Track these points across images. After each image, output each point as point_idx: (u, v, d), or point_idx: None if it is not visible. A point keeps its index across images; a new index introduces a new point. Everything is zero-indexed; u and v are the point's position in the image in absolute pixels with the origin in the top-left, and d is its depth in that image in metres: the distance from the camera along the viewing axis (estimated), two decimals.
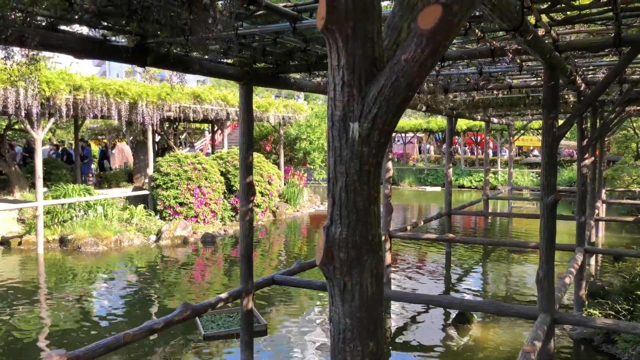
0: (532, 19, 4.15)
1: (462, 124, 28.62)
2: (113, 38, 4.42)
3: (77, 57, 4.17)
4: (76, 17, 3.76)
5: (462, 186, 28.92)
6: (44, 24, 3.84)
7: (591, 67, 6.88)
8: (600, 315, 7.17)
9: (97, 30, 4.20)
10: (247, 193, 6.02)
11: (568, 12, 4.50)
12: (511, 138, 20.47)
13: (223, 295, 5.80)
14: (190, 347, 7.20)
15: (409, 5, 1.72)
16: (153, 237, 14.27)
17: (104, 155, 24.20)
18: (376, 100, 1.43)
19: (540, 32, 4.56)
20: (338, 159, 1.50)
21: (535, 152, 34.50)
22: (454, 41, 5.26)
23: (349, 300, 1.51)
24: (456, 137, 31.71)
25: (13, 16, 3.36)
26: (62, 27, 3.99)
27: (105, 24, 4.09)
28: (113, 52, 4.25)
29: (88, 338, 7.48)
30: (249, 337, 6.07)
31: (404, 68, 1.38)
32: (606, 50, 5.25)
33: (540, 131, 29.81)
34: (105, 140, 28.64)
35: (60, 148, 22.26)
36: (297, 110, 21.33)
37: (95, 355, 4.31)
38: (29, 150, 19.77)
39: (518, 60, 6.10)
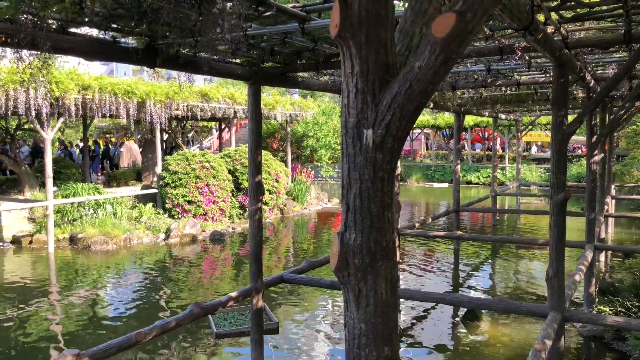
0: (541, 17, 4.14)
1: (469, 120, 28.53)
2: (122, 40, 4.45)
3: (87, 59, 4.20)
4: (86, 19, 3.79)
5: (469, 182, 28.84)
6: (54, 27, 3.87)
7: (600, 64, 6.84)
8: (610, 312, 7.14)
9: (106, 32, 4.24)
10: (256, 192, 6.04)
11: (577, 10, 4.48)
12: (519, 134, 20.37)
13: (233, 294, 5.83)
14: (202, 345, 7.25)
15: (420, 9, 1.73)
16: (162, 235, 14.35)
17: (105, 155, 23.64)
18: (390, 107, 1.43)
19: (550, 29, 4.54)
20: (352, 165, 1.51)
21: (534, 148, 34.30)
22: None
23: (363, 306, 1.52)
24: (463, 133, 31.62)
25: (24, 20, 3.39)
26: (71, 30, 4.02)
27: (115, 26, 4.12)
28: (123, 54, 4.28)
29: (98, 337, 7.55)
30: (259, 335, 6.11)
31: (417, 75, 1.38)
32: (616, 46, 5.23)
33: (548, 126, 29.68)
34: (104, 140, 28.60)
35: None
36: (304, 108, 21.33)
37: (107, 355, 4.35)
38: (36, 150, 19.85)
39: (527, 58, 6.08)
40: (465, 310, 8.13)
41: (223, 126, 23.31)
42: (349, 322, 1.57)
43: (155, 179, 16.91)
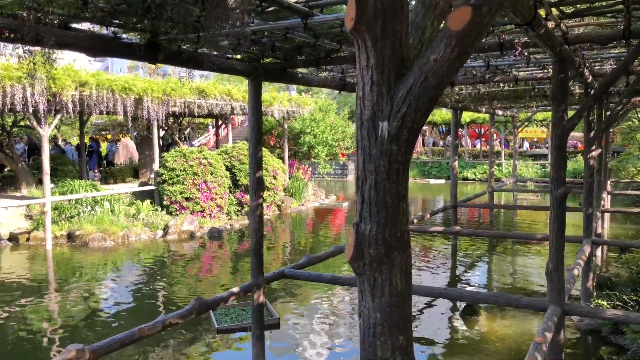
0: (541, 12, 4.16)
1: (465, 116, 28.60)
2: (124, 35, 4.45)
3: (90, 55, 4.20)
4: (89, 15, 3.79)
5: (466, 178, 28.92)
6: (55, 22, 3.87)
7: (599, 59, 6.88)
8: (608, 306, 7.21)
9: (108, 28, 4.23)
10: (257, 188, 6.05)
11: (578, 5, 4.50)
12: (515, 130, 20.45)
13: (235, 289, 5.85)
14: (204, 340, 7.28)
15: (431, 3, 1.75)
16: (160, 232, 14.34)
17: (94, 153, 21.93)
18: (405, 99, 1.46)
19: (550, 25, 4.57)
20: (367, 157, 1.53)
21: (526, 144, 34.41)
22: None
23: (378, 296, 1.55)
24: (460, 129, 31.68)
25: (28, 15, 3.39)
26: (73, 25, 4.01)
27: (117, 21, 4.12)
28: (126, 50, 4.28)
29: (98, 333, 7.56)
30: (260, 331, 6.12)
31: (433, 68, 1.40)
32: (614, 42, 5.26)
33: (544, 122, 29.81)
34: (97, 137, 28.38)
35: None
36: (301, 104, 21.32)
37: (111, 350, 4.37)
38: (31, 147, 19.72)
39: (526, 54, 6.10)
40: (464, 305, 8.18)
41: (220, 122, 23.29)
42: (363, 311, 1.59)
43: (152, 175, 16.89)
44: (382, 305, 1.54)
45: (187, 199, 15.39)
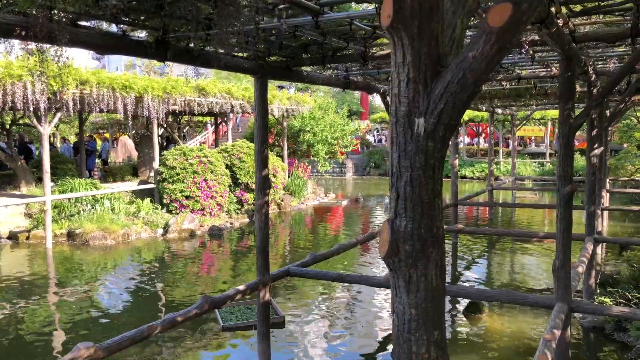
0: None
1: (464, 114, 28.67)
2: (130, 33, 4.44)
3: (100, 52, 4.20)
4: (101, 12, 3.78)
5: (464, 177, 28.96)
6: (64, 20, 3.86)
7: (603, 57, 6.91)
8: (611, 303, 7.24)
9: (117, 26, 4.22)
10: (263, 186, 6.05)
11: (585, 4, 4.52)
12: (514, 128, 20.50)
13: (241, 287, 5.85)
14: (209, 339, 7.27)
15: (460, 1, 1.76)
16: (160, 231, 14.32)
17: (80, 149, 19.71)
18: (442, 96, 1.46)
19: (559, 23, 4.58)
20: (402, 153, 1.54)
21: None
22: (468, 32, 5.28)
23: (414, 292, 1.56)
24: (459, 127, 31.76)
25: (39, 13, 3.38)
26: (80, 23, 4.00)
27: (126, 19, 4.11)
28: (136, 47, 4.28)
29: (99, 332, 7.54)
30: (266, 329, 6.13)
31: (471, 65, 1.41)
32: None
33: (542, 121, 29.89)
34: (96, 135, 28.26)
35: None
36: (301, 103, 21.31)
37: (122, 347, 4.37)
38: (22, 146, 19.49)
39: (531, 52, 6.12)
40: (468, 302, 8.20)
41: (219, 121, 23.25)
42: (398, 307, 1.60)
43: (152, 174, 16.86)
44: (417, 301, 1.55)
45: (187, 197, 15.37)
